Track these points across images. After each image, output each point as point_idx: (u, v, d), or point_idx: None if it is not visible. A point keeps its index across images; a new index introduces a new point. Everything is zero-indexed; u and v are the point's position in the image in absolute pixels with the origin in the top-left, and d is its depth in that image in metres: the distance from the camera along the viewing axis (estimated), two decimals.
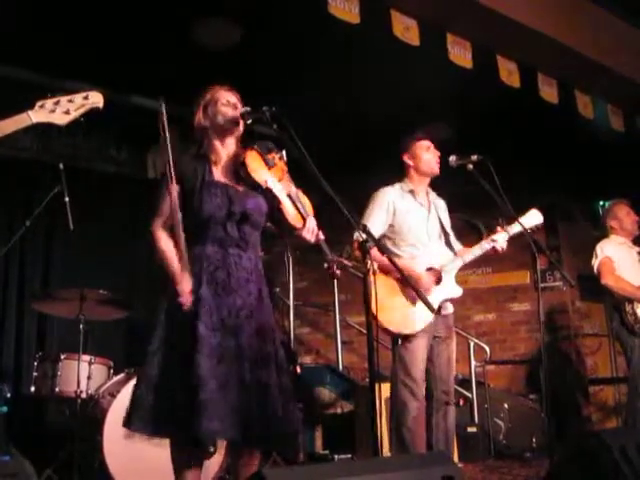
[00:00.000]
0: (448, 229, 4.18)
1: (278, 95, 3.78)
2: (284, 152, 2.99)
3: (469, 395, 6.19)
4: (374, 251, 3.05)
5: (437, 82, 5.01)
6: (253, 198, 2.95)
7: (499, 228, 4.01)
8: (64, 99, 2.38)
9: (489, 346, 6.62)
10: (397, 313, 3.83)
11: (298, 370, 5.68)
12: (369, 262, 2.70)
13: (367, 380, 3.78)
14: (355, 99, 5.48)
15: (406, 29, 4.31)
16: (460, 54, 4.59)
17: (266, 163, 2.96)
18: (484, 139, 4.95)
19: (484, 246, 3.96)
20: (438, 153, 4.05)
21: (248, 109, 3.00)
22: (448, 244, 4.11)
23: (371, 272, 2.71)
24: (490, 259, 7.50)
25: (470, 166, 3.91)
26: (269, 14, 4.50)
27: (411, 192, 4.08)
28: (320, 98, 5.48)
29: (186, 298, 2.75)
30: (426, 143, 4.07)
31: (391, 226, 4.02)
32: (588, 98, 5.47)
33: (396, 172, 4.29)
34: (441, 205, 4.24)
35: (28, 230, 4.77)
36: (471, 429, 5.80)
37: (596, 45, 5.22)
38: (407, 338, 3.86)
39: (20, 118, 2.33)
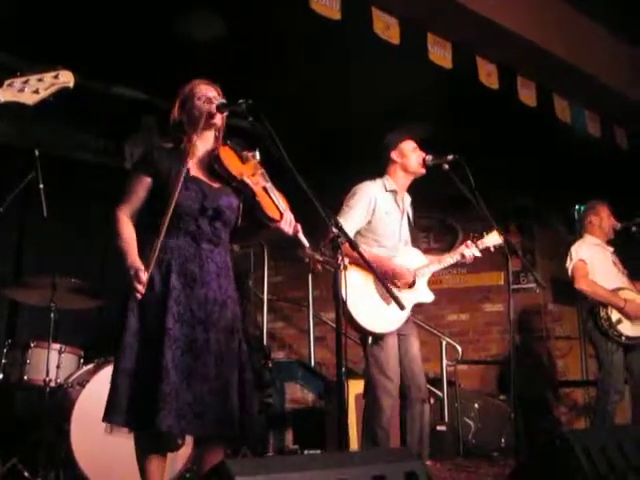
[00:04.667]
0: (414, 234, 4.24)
1: (259, 89, 3.78)
2: (257, 152, 2.99)
3: (440, 394, 6.23)
4: (346, 247, 3.01)
5: (416, 81, 5.04)
6: (226, 196, 2.96)
7: (469, 242, 4.13)
8: (33, 78, 2.31)
9: (461, 346, 6.66)
10: (372, 312, 3.84)
11: (269, 364, 5.69)
12: (340, 258, 2.72)
13: None
14: (335, 95, 5.48)
15: (387, 27, 4.32)
16: (440, 54, 4.61)
17: (240, 157, 2.96)
18: (461, 140, 4.98)
19: (455, 257, 4.07)
20: (423, 155, 4.07)
21: (224, 101, 3.00)
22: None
23: (342, 268, 2.72)
24: None
25: (445, 166, 3.92)
26: (252, 8, 4.49)
27: (393, 192, 4.10)
28: (300, 94, 5.48)
29: (142, 286, 2.74)
30: (413, 144, 4.10)
31: (368, 223, 4.02)
32: (566, 102, 5.51)
33: (375, 170, 4.33)
34: (411, 211, 4.28)
35: (1, 216, 4.71)
36: (441, 427, 5.83)
37: (576, 51, 5.27)
38: (380, 337, 3.87)
39: None
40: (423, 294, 4.02)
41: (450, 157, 3.90)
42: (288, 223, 2.92)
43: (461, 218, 7.54)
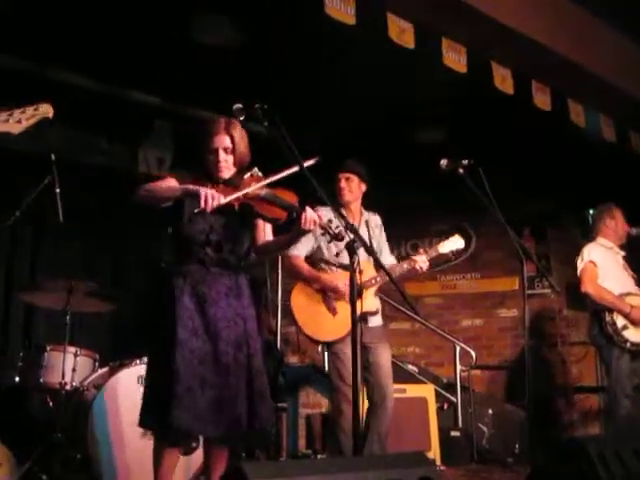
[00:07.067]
0: (378, 246, 4.43)
1: (274, 94, 3.80)
2: (255, 169, 3.19)
3: (453, 399, 6.20)
4: (302, 263, 3.98)
5: (431, 86, 5.04)
6: (231, 228, 3.20)
7: (421, 250, 4.36)
8: (17, 111, 2.57)
9: (475, 351, 6.62)
10: (319, 322, 4.14)
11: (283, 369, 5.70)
12: (355, 261, 2.76)
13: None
14: (348, 100, 5.49)
15: (401, 32, 4.31)
16: (455, 59, 4.59)
17: (232, 187, 3.13)
18: (476, 145, 4.97)
19: (404, 267, 4.26)
20: (346, 185, 4.35)
21: (240, 106, 3.07)
22: (377, 261, 4.16)
23: (357, 272, 2.76)
24: (479, 264, 7.60)
25: (460, 170, 3.92)
26: (265, 13, 4.50)
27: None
28: (314, 99, 5.50)
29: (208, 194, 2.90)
30: (344, 175, 4.37)
31: (318, 247, 4.29)
32: (581, 107, 5.48)
33: (385, 173, 4.37)
34: (375, 221, 4.51)
35: (17, 220, 4.75)
36: (454, 433, 5.80)
37: (591, 55, 5.24)
38: (334, 345, 4.13)
39: None
40: (368, 304, 4.09)
41: (465, 162, 3.91)
42: (306, 220, 3.05)
43: (476, 223, 7.53)
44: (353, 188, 4.37)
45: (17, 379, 4.56)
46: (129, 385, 4.15)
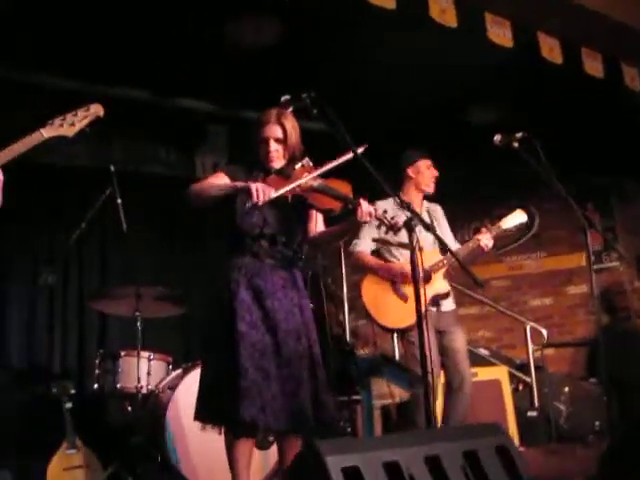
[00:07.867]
0: (442, 234, 4.31)
1: (322, 85, 3.81)
2: (307, 159, 3.15)
3: (528, 380, 6.12)
4: (369, 257, 4.10)
5: (479, 63, 4.98)
6: (286, 221, 3.20)
7: (484, 229, 4.27)
8: (69, 115, 2.76)
9: (547, 330, 6.52)
10: (391, 310, 4.16)
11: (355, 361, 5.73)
12: (415, 239, 2.77)
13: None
14: (395, 84, 5.45)
15: (442, 11, 4.27)
16: (499, 33, 4.52)
17: (284, 177, 3.13)
18: (532, 119, 4.89)
19: (469, 246, 4.21)
20: (436, 173, 4.37)
21: (288, 97, 3.09)
22: (443, 247, 4.14)
23: (417, 249, 2.76)
24: (543, 243, 7.48)
25: (515, 144, 3.79)
26: (305, 6, 4.51)
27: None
28: (360, 86, 5.49)
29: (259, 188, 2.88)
30: (428, 162, 4.37)
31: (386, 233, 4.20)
32: (635, 70, 5.33)
33: (440, 156, 4.35)
34: (438, 211, 4.51)
35: (84, 233, 4.89)
36: (531, 413, 5.73)
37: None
38: (406, 332, 4.16)
39: (34, 136, 2.67)
40: (438, 286, 4.20)
41: (519, 135, 3.80)
42: (363, 213, 3.02)
43: (537, 202, 7.39)
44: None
45: (95, 386, 4.69)
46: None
